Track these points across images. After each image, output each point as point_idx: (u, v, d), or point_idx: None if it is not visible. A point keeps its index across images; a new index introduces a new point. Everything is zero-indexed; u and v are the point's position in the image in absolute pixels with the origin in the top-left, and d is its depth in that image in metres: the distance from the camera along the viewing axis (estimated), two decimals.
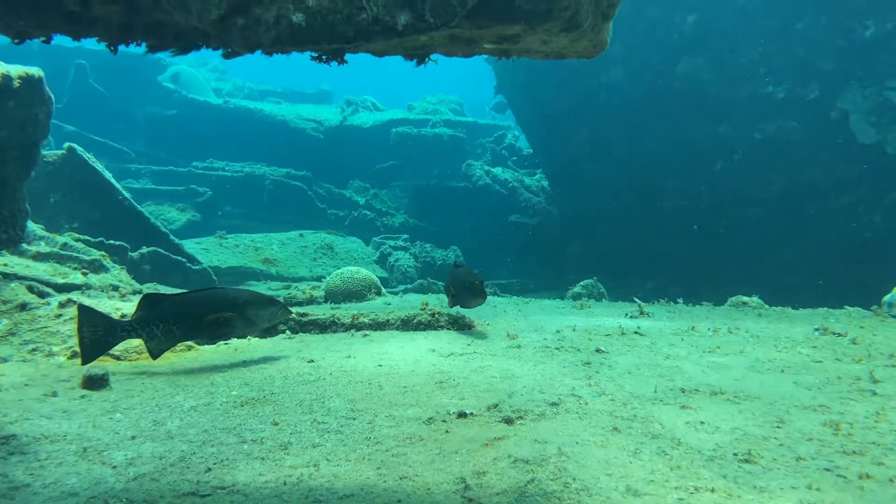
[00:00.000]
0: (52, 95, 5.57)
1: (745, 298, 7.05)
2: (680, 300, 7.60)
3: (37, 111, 5.33)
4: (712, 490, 2.60)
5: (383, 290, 7.96)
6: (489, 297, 7.46)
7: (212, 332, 4.28)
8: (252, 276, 12.93)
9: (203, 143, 21.40)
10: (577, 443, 3.04)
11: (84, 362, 4.01)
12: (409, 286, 13.47)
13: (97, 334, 3.98)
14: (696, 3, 11.42)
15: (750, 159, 11.75)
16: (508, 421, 3.34)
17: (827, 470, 2.76)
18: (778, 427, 3.23)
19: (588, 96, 13.65)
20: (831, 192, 11.27)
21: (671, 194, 13.22)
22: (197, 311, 4.17)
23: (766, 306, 6.98)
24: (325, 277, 12.13)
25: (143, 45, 2.59)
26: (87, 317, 3.97)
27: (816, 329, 5.21)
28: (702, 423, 3.32)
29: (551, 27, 2.33)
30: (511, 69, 15.60)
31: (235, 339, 5.00)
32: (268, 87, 31.35)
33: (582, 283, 10.76)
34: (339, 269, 13.72)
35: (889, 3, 9.88)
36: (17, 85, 4.69)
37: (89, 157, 9.56)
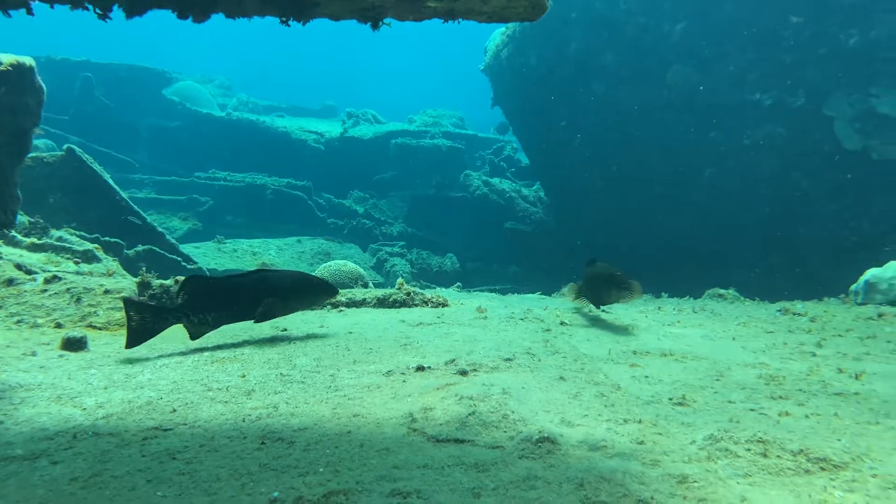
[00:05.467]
0: (44, 86, 5.81)
1: (722, 291, 7.19)
2: (664, 294, 7.73)
3: (28, 99, 5.57)
4: (640, 422, 2.75)
5: (370, 283, 8.13)
6: (471, 292, 7.54)
7: (256, 316, 4.32)
8: None
9: (206, 154, 21.76)
10: (523, 387, 3.20)
11: (129, 346, 4.00)
12: None
13: (145, 321, 4.02)
14: (684, 11, 11.69)
15: (740, 165, 11.92)
16: (463, 373, 3.51)
17: (752, 410, 2.92)
18: (717, 380, 3.38)
19: (580, 104, 13.89)
20: (819, 198, 11.41)
21: (663, 201, 13.37)
22: (244, 298, 4.26)
23: (742, 298, 7.11)
24: None
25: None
26: (134, 307, 4.03)
27: (779, 310, 5.35)
28: (646, 376, 3.47)
29: None
30: (506, 78, 15.88)
31: None
32: (272, 103, 31.84)
33: (570, 284, 10.89)
34: None
35: (872, 12, 10.09)
36: (8, 70, 4.94)
37: (87, 158, 9.82)
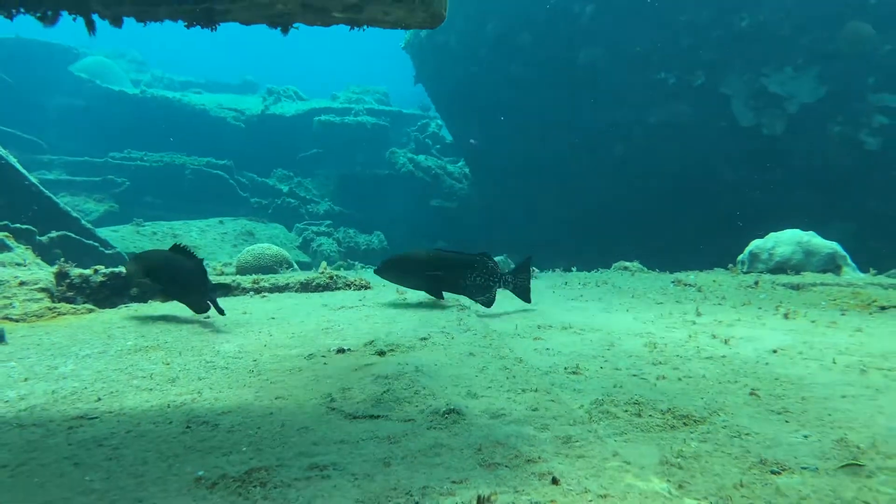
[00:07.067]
0: None
1: (627, 263, 7.72)
2: (574, 268, 8.19)
3: None
4: (536, 391, 3.09)
5: (295, 265, 8.23)
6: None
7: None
8: None
9: (120, 133, 20.89)
10: (435, 364, 3.49)
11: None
12: None
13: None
14: None
15: (647, 142, 12.59)
16: (381, 353, 3.76)
17: (634, 375, 3.31)
18: (608, 349, 3.78)
19: (499, 85, 14.22)
20: (718, 171, 12.22)
21: (578, 177, 13.96)
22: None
23: (646, 270, 7.67)
24: None
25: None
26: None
27: (673, 281, 5.87)
28: (547, 349, 3.83)
29: None
30: (426, 58, 16.01)
31: (136, 303, 5.22)
32: (189, 79, 30.67)
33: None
34: None
35: None
36: None
37: None
